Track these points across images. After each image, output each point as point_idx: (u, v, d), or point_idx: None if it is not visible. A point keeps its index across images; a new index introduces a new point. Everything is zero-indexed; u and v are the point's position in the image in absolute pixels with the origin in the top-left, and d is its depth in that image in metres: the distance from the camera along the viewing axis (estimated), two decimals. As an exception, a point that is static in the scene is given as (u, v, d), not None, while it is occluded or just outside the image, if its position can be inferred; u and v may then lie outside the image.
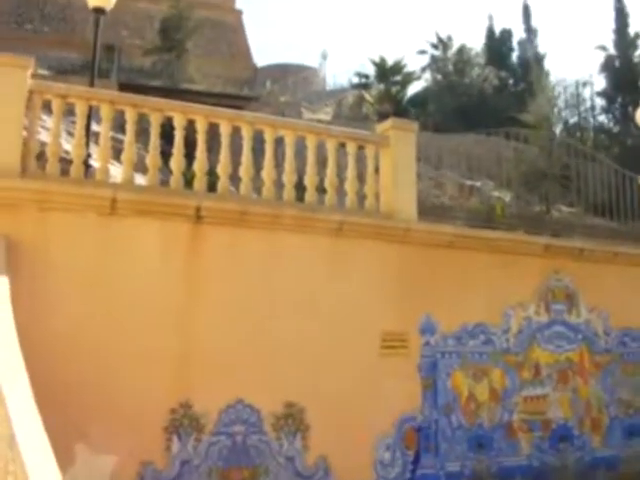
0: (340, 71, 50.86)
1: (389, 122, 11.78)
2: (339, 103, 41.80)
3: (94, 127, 14.48)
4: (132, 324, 9.07)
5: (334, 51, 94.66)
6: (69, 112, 10.91)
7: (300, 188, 10.91)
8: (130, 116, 10.04)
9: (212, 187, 10.46)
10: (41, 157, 9.94)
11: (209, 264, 9.74)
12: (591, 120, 40.26)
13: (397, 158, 11.45)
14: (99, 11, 15.25)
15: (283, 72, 47.32)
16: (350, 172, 11.23)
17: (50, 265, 8.86)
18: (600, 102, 40.64)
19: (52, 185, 9.19)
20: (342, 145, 11.39)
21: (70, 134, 21.52)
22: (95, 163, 11.61)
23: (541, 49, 45.73)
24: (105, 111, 9.94)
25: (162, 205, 9.56)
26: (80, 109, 9.89)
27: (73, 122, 21.65)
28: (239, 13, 51.27)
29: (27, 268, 8.68)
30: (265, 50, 46.14)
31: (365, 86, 42.76)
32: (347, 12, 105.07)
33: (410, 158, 11.61)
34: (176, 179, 10.09)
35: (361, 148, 11.52)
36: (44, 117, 16.90)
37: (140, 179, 11.07)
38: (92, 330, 8.84)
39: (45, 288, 8.74)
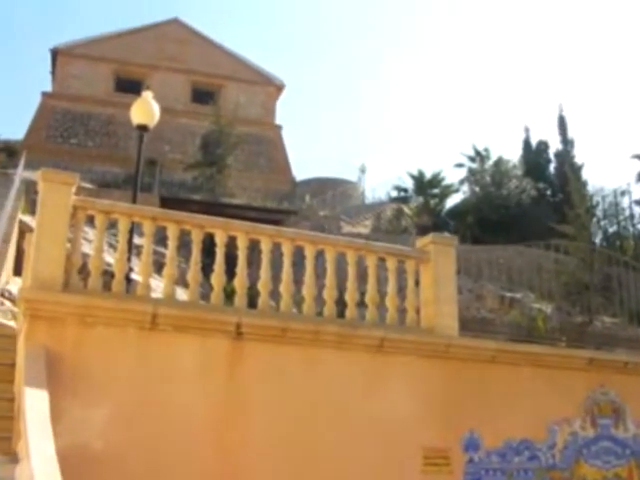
0: (378, 184, 51.25)
1: (429, 237, 11.78)
2: (378, 216, 42.09)
3: (136, 240, 14.70)
4: (173, 446, 8.95)
5: (372, 165, 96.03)
6: (111, 224, 11.07)
7: (341, 303, 10.88)
8: (172, 232, 10.16)
9: (253, 302, 10.47)
10: (83, 270, 10.05)
11: (249, 381, 9.67)
12: (630, 229, 40.07)
13: (437, 273, 11.41)
14: (143, 128, 15.67)
15: (322, 186, 47.97)
16: (390, 287, 11.20)
17: (90, 380, 8.84)
18: (639, 210, 40.51)
19: (94, 300, 9.26)
20: (382, 260, 11.39)
21: (112, 246, 21.90)
22: (137, 277, 11.70)
23: (578, 159, 45.96)
24: (147, 227, 10.07)
25: (202, 321, 9.57)
26: (123, 225, 10.04)
27: (115, 234, 21.95)
28: (279, 128, 52.33)
29: (67, 382, 8.67)
30: (304, 164, 47.21)
31: (404, 199, 43.11)
32: (385, 127, 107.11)
33: (450, 273, 11.57)
34: (217, 294, 10.12)
35: (401, 263, 11.50)
36: (86, 229, 17.22)
37: (181, 293, 11.12)
38: (134, 456, 8.73)
39: (85, 404, 8.69)
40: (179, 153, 44.45)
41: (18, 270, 20.08)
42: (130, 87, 45.54)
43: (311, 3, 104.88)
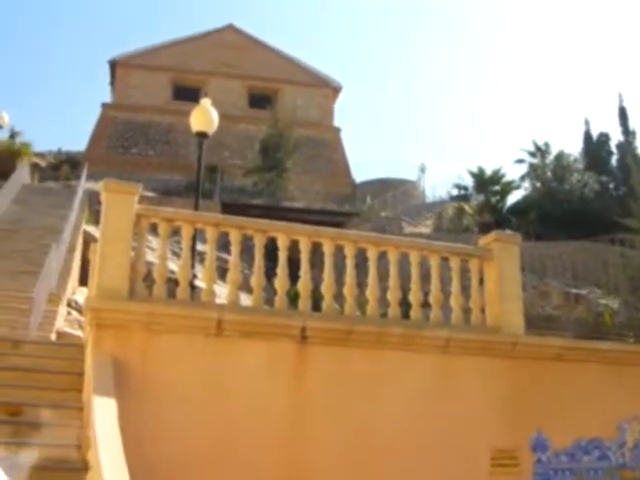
0: (439, 183, 51.10)
1: (492, 235, 11.66)
2: (439, 215, 41.85)
3: (199, 246, 14.81)
4: (240, 448, 9.00)
5: (432, 163, 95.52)
6: (174, 232, 11.16)
7: (405, 305, 10.83)
8: (234, 237, 10.21)
9: (316, 306, 10.47)
10: (148, 278, 10.15)
11: (314, 384, 9.67)
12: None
13: (501, 271, 11.28)
14: (202, 135, 15.81)
15: (382, 187, 47.82)
16: (454, 287, 11.11)
17: (157, 388, 8.92)
18: None
19: (159, 307, 9.35)
20: (445, 259, 11.31)
21: (175, 254, 22.12)
22: (201, 283, 11.78)
23: (641, 150, 45.17)
24: (210, 233, 10.14)
25: (267, 326, 9.61)
26: (186, 232, 10.12)
27: (178, 242, 22.17)
28: (337, 131, 52.34)
29: (135, 390, 8.75)
30: (364, 165, 46.97)
31: (464, 197, 42.77)
32: (444, 125, 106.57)
33: (515, 271, 11.43)
34: (280, 299, 10.14)
35: (464, 262, 11.40)
36: (150, 237, 17.41)
37: (245, 299, 11.17)
38: (202, 454, 8.80)
39: (153, 412, 8.77)
40: (239, 158, 44.74)
41: (84, 280, 20.42)
42: (188, 95, 46.02)
43: (365, 3, 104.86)
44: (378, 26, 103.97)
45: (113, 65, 51.18)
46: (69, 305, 19.81)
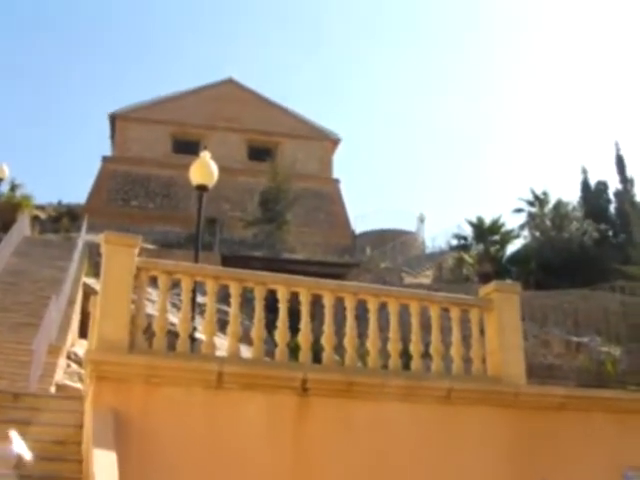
0: (438, 233, 50.88)
1: (492, 285, 11.69)
2: (439, 266, 41.89)
3: (199, 299, 14.81)
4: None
5: (431, 214, 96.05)
6: (174, 284, 11.18)
7: (405, 355, 10.81)
8: (234, 290, 10.23)
9: (317, 357, 10.45)
10: (148, 330, 10.15)
11: (316, 436, 9.62)
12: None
13: (502, 321, 11.28)
14: (202, 188, 15.89)
15: (382, 237, 47.90)
16: (455, 337, 11.10)
17: (158, 441, 8.87)
18: None
19: (159, 360, 9.35)
20: (445, 310, 11.31)
21: (175, 306, 22.09)
22: (201, 336, 11.77)
23: (638, 198, 45.33)
24: (210, 286, 10.17)
25: (268, 378, 9.60)
26: (186, 284, 10.14)
27: (178, 294, 22.10)
28: (336, 182, 52.60)
29: (135, 444, 8.72)
30: (363, 216, 47.25)
31: (464, 247, 42.78)
32: (441, 175, 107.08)
33: (515, 320, 11.43)
34: (281, 351, 10.14)
35: (465, 312, 11.40)
36: (149, 290, 17.39)
37: (245, 351, 11.15)
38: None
39: (154, 465, 8.72)
40: (238, 211, 44.89)
41: (83, 332, 20.40)
42: (188, 148, 46.31)
43: (363, 53, 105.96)
44: (379, 76, 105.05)
45: (113, 119, 51.61)
46: (69, 357, 19.77)
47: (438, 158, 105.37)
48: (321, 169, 52.45)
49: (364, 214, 51.28)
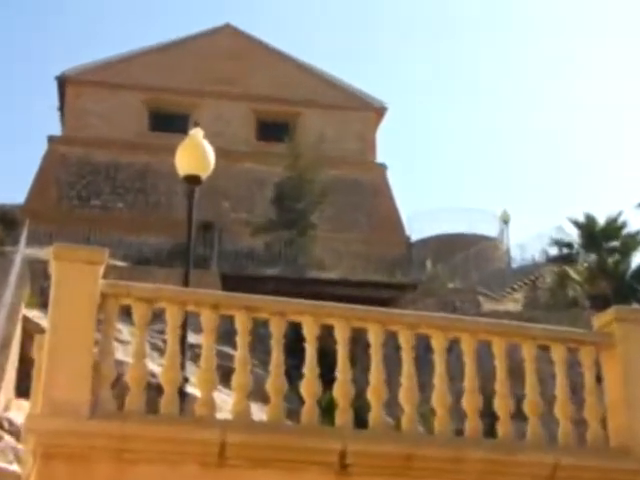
0: (528, 239, 50.33)
1: (611, 312, 11.59)
2: (532, 285, 41.65)
3: (190, 338, 14.79)
4: None
5: (516, 212, 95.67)
6: (155, 316, 11.15)
7: (488, 415, 10.72)
8: (241, 324, 10.18)
9: (360, 420, 10.39)
10: (117, 384, 10.13)
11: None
12: None
13: (628, 364, 11.17)
14: (193, 180, 15.85)
15: (448, 245, 47.76)
16: (559, 388, 11.00)
17: None
18: None
19: (134, 426, 9.33)
20: (544, 349, 11.22)
21: (157, 348, 22.08)
22: (194, 390, 11.74)
23: None
24: (207, 319, 10.12)
25: (291, 450, 9.56)
26: (172, 317, 10.11)
27: (161, 332, 22.18)
28: (382, 168, 52.40)
29: None
30: (419, 216, 46.28)
31: (568, 258, 42.52)
32: (530, 159, 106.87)
33: (646, 362, 11.31)
34: (309, 411, 10.08)
35: (572, 351, 11.30)
36: (119, 326, 17.43)
37: (258, 411, 11.11)
38: None
39: None
40: (244, 211, 45.13)
41: (23, 389, 20.42)
42: (171, 124, 46.62)
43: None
44: (441, 21, 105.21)
45: (62, 83, 51.41)
46: (0, 427, 19.80)
47: (523, 137, 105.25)
48: (360, 150, 52.48)
49: (421, 213, 51.20)
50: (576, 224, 44.26)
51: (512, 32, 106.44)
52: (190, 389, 13.15)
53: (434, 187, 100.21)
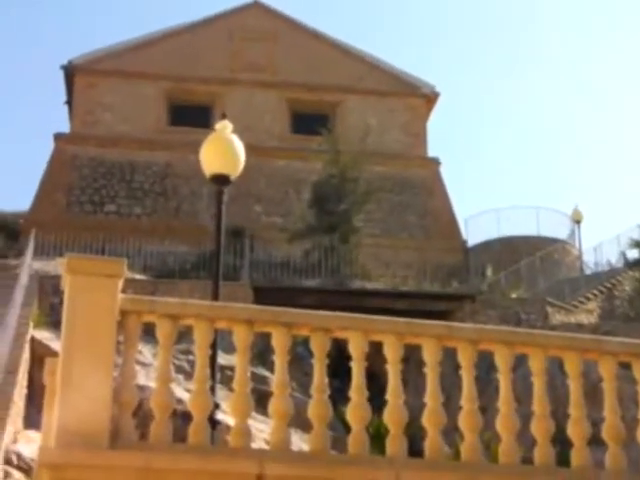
0: (604, 241, 50.03)
1: (700, 322, 11.55)
2: (608, 294, 41.43)
3: (221, 359, 14.86)
4: None
5: (592, 210, 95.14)
6: (181, 336, 11.22)
7: (561, 442, 10.71)
8: (279, 342, 10.20)
9: (415, 448, 10.40)
10: (140, 411, 10.19)
11: None
12: None
13: None
14: (221, 180, 15.86)
15: (509, 250, 47.60)
16: (644, 411, 10.96)
17: None
18: None
19: (161, 458, 9.36)
20: (625, 366, 11.20)
21: (182, 371, 22.18)
22: (226, 418, 11.83)
23: None
24: (241, 336, 10.14)
25: (337, 481, 9.56)
26: (201, 335, 10.13)
27: (186, 352, 22.31)
28: (435, 164, 52.23)
29: None
30: (476, 217, 45.83)
31: (650, 262, 42.35)
32: (604, 154, 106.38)
33: None
34: (358, 438, 10.09)
35: (657, 369, 11.27)
36: (140, 346, 17.53)
37: (299, 440, 11.15)
38: None
39: None
40: (277, 215, 45.16)
41: (33, 419, 20.50)
42: (194, 117, 46.74)
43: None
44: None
45: (70, 73, 51.45)
46: (7, 462, 19.86)
47: (601, 129, 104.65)
48: (409, 143, 52.35)
49: (479, 213, 51.00)
50: (659, 222, 44.01)
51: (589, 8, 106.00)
52: (222, 416, 13.21)
53: (493, 184, 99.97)
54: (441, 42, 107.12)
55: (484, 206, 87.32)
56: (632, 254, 45.81)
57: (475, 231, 50.59)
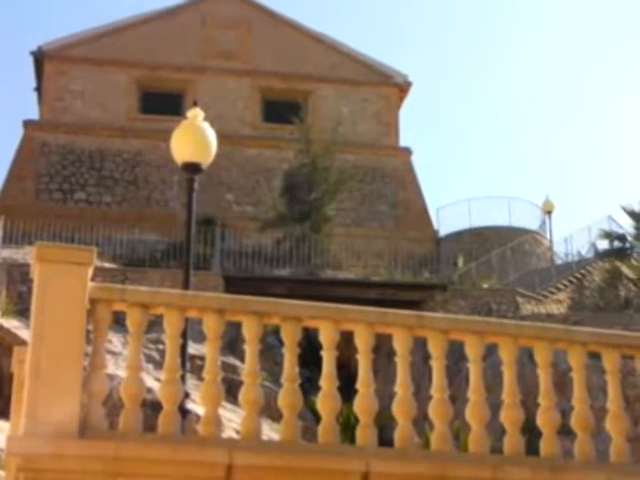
0: (574, 232, 50.07)
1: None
2: (579, 284, 41.56)
3: (191, 349, 14.86)
4: None
5: (562, 200, 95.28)
6: (151, 325, 11.22)
7: (530, 431, 10.75)
8: (250, 331, 10.19)
9: (385, 437, 10.43)
10: (109, 400, 10.17)
11: None
12: None
13: (690, 371, 11.20)
14: (192, 169, 15.84)
15: (480, 240, 47.73)
16: (613, 400, 11.02)
17: None
18: None
19: (131, 447, 9.35)
20: (594, 355, 11.26)
21: (152, 360, 22.14)
22: (196, 407, 11.82)
23: None
24: (211, 325, 10.13)
25: (308, 472, 9.58)
26: (171, 324, 10.10)
27: (156, 341, 22.30)
28: (407, 153, 52.30)
29: None
30: (447, 208, 45.83)
31: (620, 253, 42.43)
32: (572, 139, 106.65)
33: None
34: (327, 428, 10.10)
35: (627, 358, 11.33)
36: (110, 335, 17.53)
37: (269, 429, 11.17)
38: None
39: None
40: (249, 204, 45.12)
41: (2, 409, 20.45)
42: (165, 104, 46.67)
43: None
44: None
45: (39, 59, 51.25)
46: (-26, 452, 19.81)
47: (571, 119, 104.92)
48: (381, 132, 52.40)
49: (450, 204, 51.07)
50: (631, 214, 44.05)
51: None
52: (192, 405, 13.20)
53: (465, 175, 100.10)
54: (414, 30, 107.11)
55: (455, 196, 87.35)
56: (602, 245, 45.95)
57: (446, 221, 50.73)
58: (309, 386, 10.77)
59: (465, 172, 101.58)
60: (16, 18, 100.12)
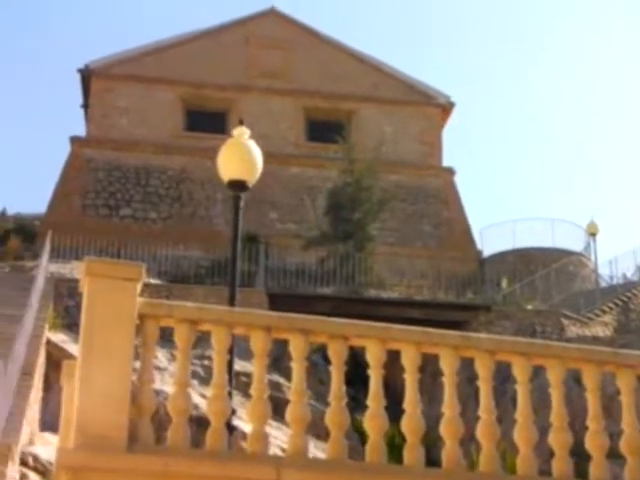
0: (620, 255, 49.87)
1: None
2: (624, 307, 41.35)
3: (237, 365, 14.87)
4: None
5: (608, 223, 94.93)
6: (198, 341, 11.21)
7: (579, 454, 10.68)
8: (297, 349, 10.19)
9: (432, 457, 10.39)
10: (157, 415, 10.19)
11: None
12: None
13: None
14: (238, 187, 15.86)
15: (524, 261, 47.60)
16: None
17: None
18: None
19: (179, 462, 9.36)
20: (641, 379, 11.18)
21: (198, 376, 22.16)
22: (243, 424, 11.82)
23: None
24: (258, 342, 10.13)
25: (354, 490, 9.55)
26: (219, 340, 10.11)
27: (201, 357, 22.28)
28: (450, 173, 52.27)
29: None
30: (491, 228, 45.93)
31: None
32: (619, 165, 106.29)
33: None
34: (375, 447, 10.08)
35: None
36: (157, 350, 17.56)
37: (315, 448, 11.14)
38: None
39: None
40: (292, 222, 45.14)
41: (49, 422, 20.51)
42: (210, 123, 46.75)
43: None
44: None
45: (86, 77, 51.57)
46: (23, 463, 19.83)
47: (619, 141, 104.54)
48: (424, 152, 52.36)
49: (494, 224, 50.96)
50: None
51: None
52: (238, 422, 13.21)
53: (509, 195, 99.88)
54: (458, 51, 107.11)
55: (499, 217, 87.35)
56: (646, 267, 45.81)
57: (490, 242, 50.62)
58: (354, 405, 10.70)
59: (509, 193, 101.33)
60: (64, 37, 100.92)
